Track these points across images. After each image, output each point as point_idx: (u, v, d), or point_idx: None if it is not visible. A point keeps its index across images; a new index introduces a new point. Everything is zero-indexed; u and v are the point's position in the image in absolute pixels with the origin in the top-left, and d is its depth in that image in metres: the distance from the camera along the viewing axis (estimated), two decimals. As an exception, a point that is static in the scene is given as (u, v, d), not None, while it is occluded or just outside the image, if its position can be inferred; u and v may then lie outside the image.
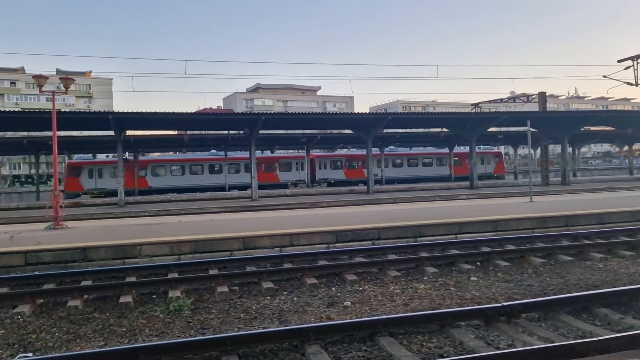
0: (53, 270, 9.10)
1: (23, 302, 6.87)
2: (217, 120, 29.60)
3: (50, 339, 5.70)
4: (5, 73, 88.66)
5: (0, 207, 29.97)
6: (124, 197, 25.18)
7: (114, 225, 14.15)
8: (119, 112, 23.92)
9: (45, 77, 14.22)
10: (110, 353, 4.70)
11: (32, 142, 34.37)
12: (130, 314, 6.56)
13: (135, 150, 38.09)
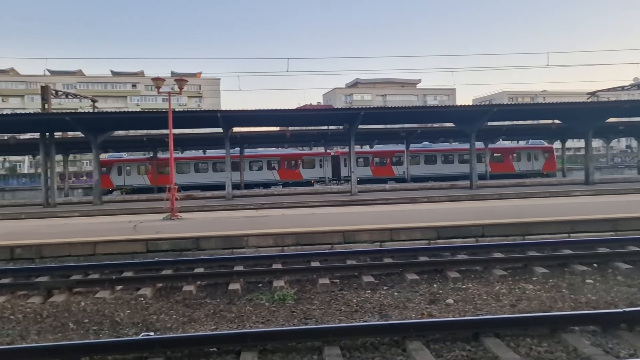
0: (170, 257, 9.87)
1: (145, 286, 7.55)
2: (317, 116, 30.21)
3: (169, 321, 6.20)
4: (127, 77, 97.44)
5: (125, 198, 33.05)
6: (231, 191, 26.61)
7: (222, 217, 15.03)
8: (226, 110, 25.29)
9: (163, 79, 15.44)
10: (222, 336, 5.01)
11: (150, 140, 37.43)
12: (238, 301, 6.94)
13: (241, 145, 40.02)
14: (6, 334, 5.79)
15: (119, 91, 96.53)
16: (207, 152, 43.81)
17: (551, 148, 45.72)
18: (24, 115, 27.11)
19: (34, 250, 10.02)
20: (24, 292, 7.47)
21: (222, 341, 4.93)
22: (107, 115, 26.17)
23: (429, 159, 43.23)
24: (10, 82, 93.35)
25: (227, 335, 5.05)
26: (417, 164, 42.61)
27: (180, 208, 15.87)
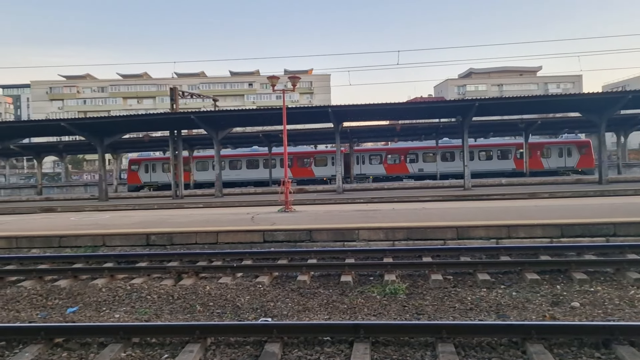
0: (285, 247, 10.32)
1: (263, 274, 7.97)
2: (428, 108, 29.49)
3: (285, 308, 6.49)
4: (244, 76, 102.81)
5: (243, 191, 35.01)
6: (342, 185, 27.01)
7: (333, 211, 15.34)
8: (336, 105, 25.67)
9: (277, 77, 16.10)
10: (336, 326, 5.15)
11: (266, 135, 39.22)
12: (350, 293, 7.06)
13: (351, 140, 40.40)
14: (144, 312, 6.46)
15: (237, 90, 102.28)
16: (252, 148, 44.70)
17: (587, 142, 41.13)
18: (156, 115, 29.77)
19: (165, 237, 11.04)
20: (158, 275, 8.27)
21: (336, 331, 5.07)
22: (226, 113, 27.87)
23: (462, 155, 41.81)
24: (144, 85, 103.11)
25: (340, 325, 5.17)
26: (447, 160, 41.18)
27: (293, 201, 16.46)
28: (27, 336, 5.20)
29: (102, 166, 29.63)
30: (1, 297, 7.32)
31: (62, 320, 6.10)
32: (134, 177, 44.18)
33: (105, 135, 29.54)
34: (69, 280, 8.05)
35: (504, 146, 41.70)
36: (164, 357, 4.79)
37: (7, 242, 11.41)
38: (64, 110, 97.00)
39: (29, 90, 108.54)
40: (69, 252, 10.77)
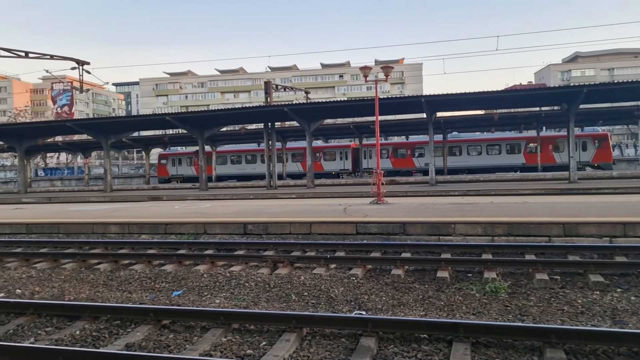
0: (377, 240, 10.21)
1: (356, 266, 7.93)
2: (528, 96, 27.76)
3: (379, 302, 6.40)
4: (335, 68, 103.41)
5: (334, 182, 35.33)
6: (435, 176, 26.30)
7: (427, 203, 14.95)
8: (430, 94, 24.97)
9: (370, 68, 15.95)
10: (434, 324, 4.97)
11: (357, 127, 39.20)
12: (447, 289, 6.81)
13: (444, 131, 39.20)
14: (242, 299, 6.69)
15: (328, 82, 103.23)
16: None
17: (605, 135, 38.99)
18: (251, 108, 30.87)
19: (261, 227, 11.38)
20: (255, 263, 8.53)
21: (434, 328, 4.89)
22: (318, 105, 28.19)
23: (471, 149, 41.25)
24: (240, 79, 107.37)
25: (438, 323, 4.99)
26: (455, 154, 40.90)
27: (385, 193, 16.27)
28: (138, 316, 5.57)
29: (203, 157, 31.26)
30: (116, 278, 7.94)
31: (168, 302, 6.47)
32: (162, 171, 47.65)
33: (205, 128, 31.14)
34: (174, 265, 8.55)
35: (513, 140, 40.53)
36: (262, 344, 4.91)
37: (120, 227, 12.40)
38: (168, 105, 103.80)
39: (138, 87, 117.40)
40: (173, 238, 11.46)
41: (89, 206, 19.61)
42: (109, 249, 10.27)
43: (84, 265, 8.91)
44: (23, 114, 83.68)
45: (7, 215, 15.57)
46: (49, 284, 7.72)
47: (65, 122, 35.97)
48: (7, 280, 8.02)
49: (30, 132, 36.29)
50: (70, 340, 5.13)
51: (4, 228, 13.32)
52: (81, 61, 24.64)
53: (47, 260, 9.25)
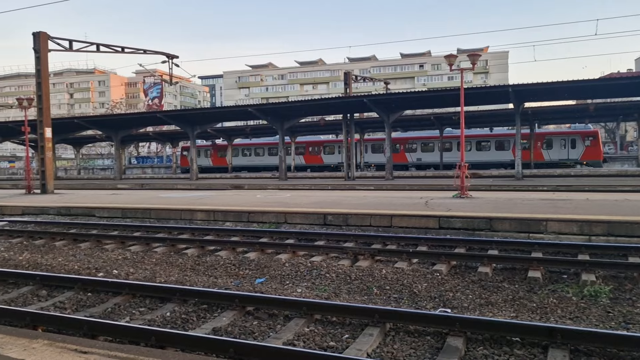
0: (461, 236, 9.83)
1: (440, 262, 7.66)
2: (630, 85, 25.51)
3: (465, 300, 6.13)
4: (415, 58, 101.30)
5: (413, 175, 34.69)
6: (521, 170, 25.01)
7: (515, 198, 14.20)
8: (518, 84, 23.69)
9: (455, 56, 15.35)
10: (527, 327, 4.65)
11: (437, 118, 38.14)
12: (539, 291, 6.39)
13: (532, 123, 37.16)
14: (324, 289, 6.67)
15: (407, 72, 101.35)
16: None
17: (595, 133, 38.68)
18: (330, 99, 30.97)
19: (341, 218, 11.35)
20: (335, 255, 8.51)
21: (527, 332, 4.58)
22: (398, 96, 27.70)
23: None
24: (319, 71, 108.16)
25: (532, 327, 4.65)
26: (450, 150, 41.46)
27: (468, 186, 15.66)
28: (224, 302, 5.71)
29: (283, 148, 31.85)
30: (203, 263, 8.24)
31: (251, 289, 6.59)
32: (184, 161, 50.82)
33: (285, 119, 31.66)
34: (257, 253, 8.72)
35: (504, 137, 40.52)
36: (344, 337, 4.85)
37: (206, 214, 12.89)
38: (250, 97, 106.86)
39: (222, 80, 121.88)
40: (256, 226, 11.73)
41: (176, 193, 20.62)
42: (195, 234, 10.69)
43: (173, 250, 9.33)
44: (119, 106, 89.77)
45: (105, 200, 16.73)
46: (142, 266, 8.16)
47: (155, 114, 38.08)
48: (105, 261, 8.57)
49: (125, 122, 38.83)
50: (162, 321, 5.36)
51: (102, 212, 14.31)
52: (171, 55, 25.84)
53: (140, 244, 9.79)
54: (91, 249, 9.68)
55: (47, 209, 15.31)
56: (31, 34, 20.80)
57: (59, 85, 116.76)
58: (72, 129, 40.94)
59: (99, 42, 23.02)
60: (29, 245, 10.17)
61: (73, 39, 21.98)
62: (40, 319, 5.09)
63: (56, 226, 12.50)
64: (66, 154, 79.05)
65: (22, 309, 5.45)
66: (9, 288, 6.82)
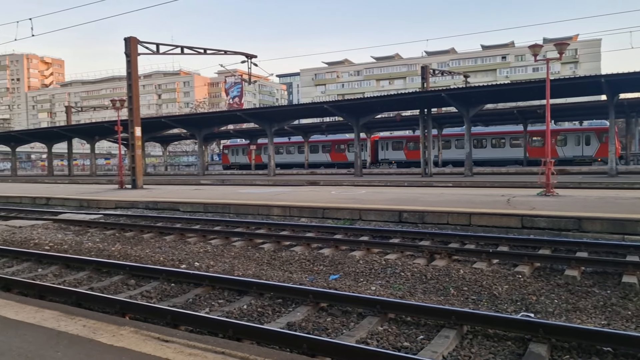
0: (546, 236, 9.28)
1: (522, 263, 7.28)
2: None
3: (550, 305, 5.77)
4: (496, 49, 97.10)
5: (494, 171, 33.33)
6: (615, 166, 23.22)
7: (607, 197, 13.20)
8: (612, 73, 21.98)
9: (540, 46, 14.50)
10: (623, 337, 4.28)
11: (520, 112, 36.37)
12: (636, 298, 5.88)
13: (628, 115, 34.39)
14: (398, 288, 6.57)
15: (488, 65, 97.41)
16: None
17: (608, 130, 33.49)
18: (406, 95, 30.42)
19: (417, 215, 11.12)
20: (410, 253, 8.35)
21: (621, 342, 4.22)
22: (478, 89, 26.68)
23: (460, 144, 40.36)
24: (395, 66, 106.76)
25: (628, 337, 4.28)
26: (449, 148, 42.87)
27: (555, 184, 14.76)
28: (299, 297, 5.78)
29: (358, 144, 31.80)
30: (278, 258, 8.40)
31: (325, 285, 6.62)
32: (225, 159, 57.79)
33: (360, 116, 31.57)
34: (331, 250, 8.76)
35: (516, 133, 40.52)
36: (419, 338, 4.73)
37: (282, 210, 13.15)
38: (326, 94, 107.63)
39: (299, 77, 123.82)
40: (330, 223, 11.79)
41: (255, 189, 21.24)
42: (272, 230, 10.93)
43: (250, 244, 9.60)
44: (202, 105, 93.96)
45: (189, 195, 17.56)
46: (222, 259, 8.47)
47: (235, 112, 39.43)
48: (188, 253, 8.99)
49: (207, 121, 40.56)
50: (239, 314, 5.52)
51: (186, 207, 15.04)
52: (249, 55, 26.62)
53: (220, 238, 10.17)
54: (175, 241, 10.19)
55: (136, 203, 16.33)
56: (123, 39, 22.28)
57: (148, 87, 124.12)
58: (160, 127, 43.40)
59: (183, 45, 24.22)
60: (121, 237, 10.89)
61: (160, 43, 23.27)
62: (128, 307, 5.42)
63: (144, 219, 13.29)
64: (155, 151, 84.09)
65: (113, 297, 5.83)
66: (103, 277, 7.34)
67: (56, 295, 5.98)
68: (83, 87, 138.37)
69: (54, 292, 6.13)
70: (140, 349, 3.52)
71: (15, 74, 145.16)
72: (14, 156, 58.60)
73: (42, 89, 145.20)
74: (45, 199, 18.86)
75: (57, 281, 7.12)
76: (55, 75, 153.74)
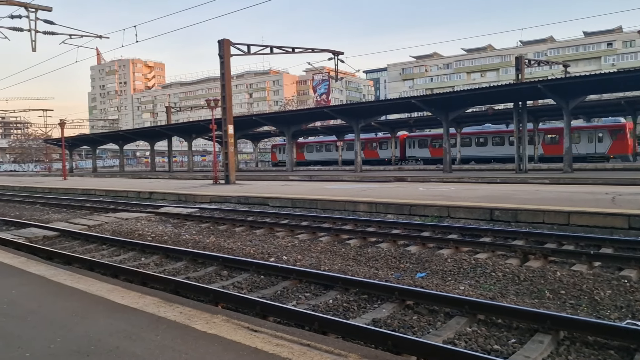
0: (658, 238, 8.45)
1: (629, 267, 6.72)
2: None
3: (663, 313, 5.28)
4: (601, 36, 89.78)
5: (597, 167, 30.90)
6: None
7: None
8: None
9: (652, 30, 13.18)
10: None
11: (629, 102, 33.46)
12: None
13: None
14: (489, 288, 6.32)
15: (592, 52, 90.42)
16: None
17: (622, 126, 37.74)
18: (499, 87, 29.02)
19: (510, 214, 10.61)
20: (502, 253, 7.99)
21: None
22: (580, 79, 24.81)
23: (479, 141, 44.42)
24: (487, 57, 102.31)
25: None
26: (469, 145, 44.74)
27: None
28: (384, 293, 5.76)
29: (447, 139, 30.93)
30: (364, 254, 8.42)
31: (412, 283, 6.53)
32: (274, 157, 62.26)
33: (450, 110, 30.67)
34: (418, 247, 8.62)
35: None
36: (510, 342, 4.53)
37: (368, 206, 13.13)
38: (414, 89, 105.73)
39: (386, 73, 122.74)
40: (417, 220, 11.59)
41: (341, 185, 21.40)
42: (358, 225, 10.96)
43: (336, 240, 9.70)
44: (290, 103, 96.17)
45: (278, 191, 18.10)
46: (308, 254, 8.64)
47: (323, 109, 39.90)
48: (276, 247, 9.28)
49: (295, 118, 41.48)
50: (325, 308, 5.61)
51: (275, 202, 15.51)
52: (336, 52, 26.80)
53: (307, 233, 10.38)
54: (265, 235, 10.56)
55: (229, 197, 17.11)
56: (216, 41, 23.37)
57: (240, 87, 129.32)
58: (251, 125, 45.06)
59: (273, 45, 24.94)
60: (215, 230, 11.48)
61: (251, 44, 24.15)
62: (221, 297, 5.71)
63: (236, 214, 13.89)
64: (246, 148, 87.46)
65: (207, 287, 6.17)
66: (198, 267, 7.79)
67: (157, 283, 6.44)
68: (181, 88, 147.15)
69: (155, 280, 6.61)
70: (231, 337, 3.70)
71: (123, 77, 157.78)
72: (122, 153, 63.83)
73: (145, 91, 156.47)
74: (148, 193, 20.33)
75: (157, 270, 7.67)
76: (156, 77, 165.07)
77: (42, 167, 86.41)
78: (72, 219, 14.06)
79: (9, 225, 12.96)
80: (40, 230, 11.41)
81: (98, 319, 4.18)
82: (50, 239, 10.71)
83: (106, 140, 63.85)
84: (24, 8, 20.12)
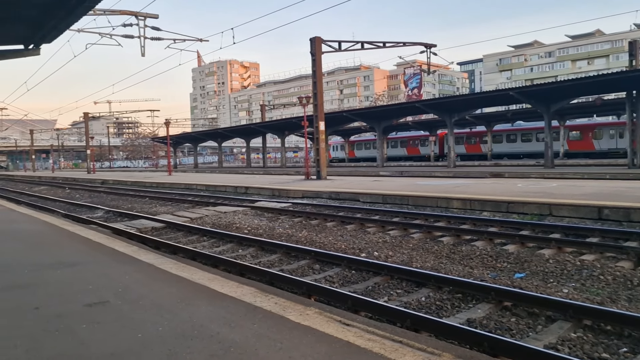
0: None
1: None
2: None
3: None
4: None
5: None
6: None
7: None
8: None
9: None
10: None
11: None
12: None
13: None
14: (596, 293, 5.88)
15: None
16: None
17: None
18: (608, 75, 26.69)
19: (621, 212, 9.76)
20: (612, 254, 7.39)
21: None
22: None
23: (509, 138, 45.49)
24: (595, 43, 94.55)
25: None
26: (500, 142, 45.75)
27: None
28: (480, 293, 5.56)
29: (549, 133, 29.07)
30: (458, 252, 8.17)
31: (509, 284, 6.24)
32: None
33: (552, 102, 28.77)
34: (516, 246, 8.21)
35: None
36: (621, 350, 4.19)
37: (462, 203, 12.71)
38: (512, 80, 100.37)
39: (481, 64, 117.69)
40: (515, 218, 11.03)
41: (433, 181, 20.91)
42: (451, 223, 10.66)
43: (428, 237, 9.51)
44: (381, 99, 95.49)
45: (368, 187, 18.08)
46: (400, 250, 8.56)
47: (414, 104, 39.18)
48: (367, 243, 9.29)
49: (385, 114, 41.10)
50: (417, 305, 5.54)
51: (365, 197, 15.52)
52: (428, 44, 26.17)
53: (398, 229, 10.28)
54: (355, 230, 10.61)
55: (320, 193, 17.39)
56: (308, 39, 23.78)
57: (331, 83, 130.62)
58: (341, 121, 45.37)
59: (363, 40, 24.89)
60: (307, 225, 11.73)
61: (341, 40, 24.28)
62: (313, 289, 5.84)
63: (328, 209, 14.08)
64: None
65: (300, 279, 6.33)
66: (291, 260, 8.02)
67: (253, 274, 6.73)
68: (275, 87, 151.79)
69: (252, 271, 6.90)
70: (324, 330, 3.77)
71: (221, 78, 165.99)
72: (220, 150, 67.29)
73: (242, 91, 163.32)
74: (244, 188, 21.24)
75: (254, 261, 8.00)
76: (252, 77, 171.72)
77: (150, 163, 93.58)
78: (176, 211, 15.07)
79: (123, 217, 14.20)
80: (149, 222, 12.37)
81: (200, 306, 4.45)
82: (158, 229, 11.57)
83: (206, 138, 67.65)
84: (135, 17, 21.85)
